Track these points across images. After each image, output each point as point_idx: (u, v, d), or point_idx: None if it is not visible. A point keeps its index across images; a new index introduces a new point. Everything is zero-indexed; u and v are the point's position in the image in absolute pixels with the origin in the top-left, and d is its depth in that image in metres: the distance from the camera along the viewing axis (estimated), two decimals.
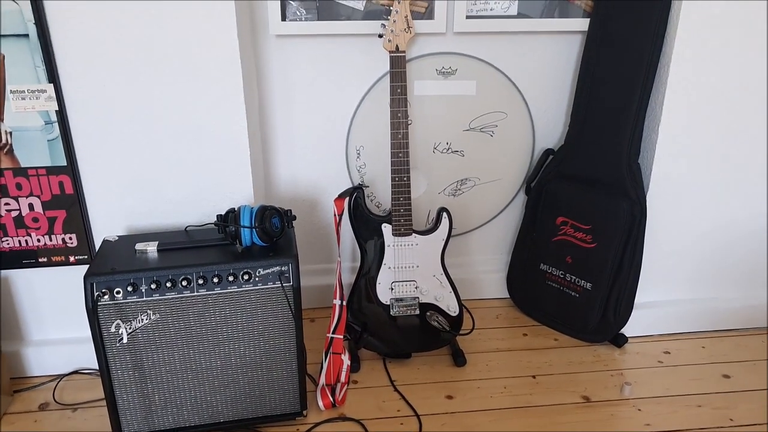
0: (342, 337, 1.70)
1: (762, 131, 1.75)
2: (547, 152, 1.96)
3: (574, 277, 1.87)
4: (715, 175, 1.79)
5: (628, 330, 1.90)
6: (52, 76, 1.47)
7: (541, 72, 1.91)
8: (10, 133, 1.51)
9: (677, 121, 1.71)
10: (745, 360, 1.84)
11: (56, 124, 1.51)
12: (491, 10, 1.77)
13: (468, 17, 1.77)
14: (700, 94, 1.68)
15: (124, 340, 1.39)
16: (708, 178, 1.80)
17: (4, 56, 1.44)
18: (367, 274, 1.74)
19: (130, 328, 1.39)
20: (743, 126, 1.74)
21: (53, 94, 1.48)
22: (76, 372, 1.77)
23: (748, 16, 1.61)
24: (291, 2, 1.70)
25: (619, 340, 1.89)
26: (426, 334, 1.78)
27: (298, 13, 1.71)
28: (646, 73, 1.67)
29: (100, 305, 1.35)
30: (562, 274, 1.90)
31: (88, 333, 1.37)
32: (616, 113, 1.75)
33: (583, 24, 1.80)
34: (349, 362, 1.71)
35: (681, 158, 1.75)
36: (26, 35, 1.42)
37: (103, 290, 1.34)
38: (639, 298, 1.86)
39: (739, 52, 1.65)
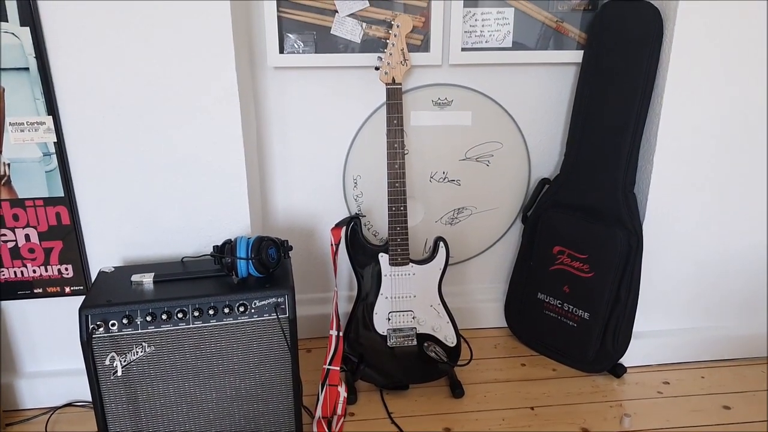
0: (338, 368, 1.68)
1: (757, 159, 1.77)
2: (543, 181, 1.97)
3: (571, 307, 1.87)
4: (711, 203, 1.80)
5: (626, 360, 1.89)
6: (51, 108, 1.48)
7: (536, 103, 1.93)
8: (8, 164, 1.51)
9: (672, 150, 1.72)
10: (745, 391, 1.82)
11: (54, 156, 1.52)
12: (486, 42, 1.80)
13: (463, 49, 1.79)
14: (694, 124, 1.70)
15: (119, 373, 1.38)
16: (704, 207, 1.80)
17: (3, 89, 1.45)
18: (364, 305, 1.73)
19: (124, 361, 1.38)
20: (738, 155, 1.75)
21: (52, 126, 1.49)
22: (69, 405, 1.75)
23: (740, 47, 1.64)
24: (289, 35, 1.72)
25: (618, 370, 1.88)
26: (424, 365, 1.77)
27: (296, 46, 1.73)
28: (639, 104, 1.69)
29: (94, 337, 1.34)
30: (559, 303, 1.90)
31: (83, 365, 1.36)
32: (611, 143, 1.76)
33: (577, 56, 1.83)
34: (345, 394, 1.69)
35: (676, 187, 1.77)
36: (26, 68, 1.44)
37: (98, 322, 1.33)
38: (637, 327, 1.85)
39: (732, 83, 1.67)
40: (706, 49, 1.63)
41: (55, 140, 1.51)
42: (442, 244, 1.72)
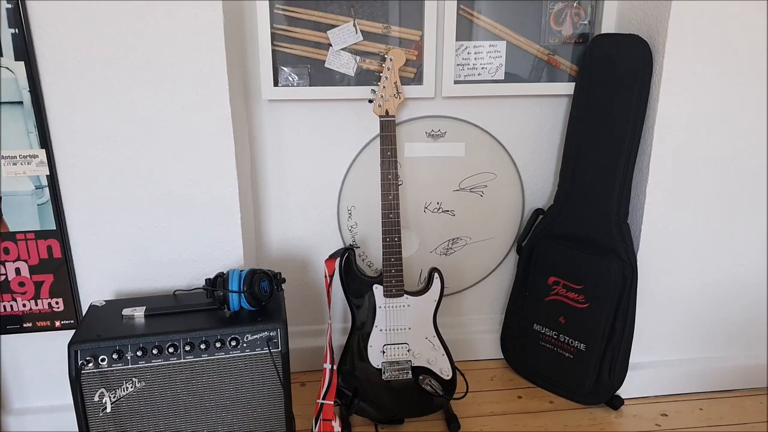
0: (332, 402, 1.65)
1: (750, 188, 1.78)
2: (537, 212, 1.97)
3: (567, 338, 1.85)
4: (705, 233, 1.80)
5: (624, 392, 1.87)
6: (45, 141, 1.48)
7: (529, 134, 1.94)
8: (0, 197, 1.51)
9: (664, 180, 1.73)
10: (744, 422, 1.80)
11: (47, 189, 1.52)
12: (479, 75, 1.82)
13: (456, 82, 1.81)
14: (685, 154, 1.72)
15: (108, 410, 1.35)
16: (698, 237, 1.81)
17: None
18: (358, 337, 1.72)
19: (114, 397, 1.35)
20: (730, 184, 1.76)
21: (45, 159, 1.49)
22: None
23: (730, 78, 1.66)
24: (283, 68, 1.74)
25: (616, 403, 1.85)
26: (419, 399, 1.74)
27: (290, 79, 1.75)
28: (631, 135, 1.71)
29: (83, 373, 1.32)
30: (555, 334, 1.88)
31: (72, 401, 1.33)
32: (604, 174, 1.77)
33: (568, 88, 1.85)
34: (339, 429, 1.66)
35: (670, 218, 1.77)
36: (20, 102, 1.44)
37: (88, 358, 1.31)
38: (634, 358, 1.84)
39: (722, 113, 1.69)
40: (696, 81, 1.65)
41: (48, 173, 1.50)
42: (436, 274, 1.71)
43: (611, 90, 1.73)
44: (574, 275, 1.82)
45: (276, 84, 1.75)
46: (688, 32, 1.60)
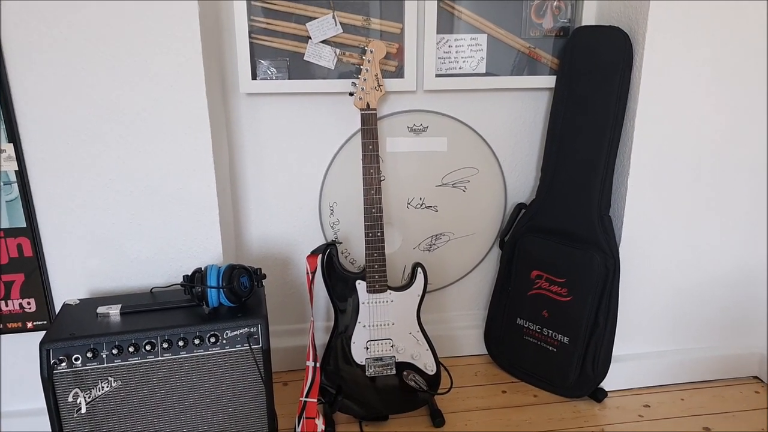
0: (316, 400, 1.63)
1: (731, 180, 1.79)
2: (519, 206, 1.97)
3: (550, 332, 1.85)
4: (687, 225, 1.82)
5: (607, 384, 1.87)
6: (13, 135, 1.43)
7: (510, 128, 1.94)
8: None
9: (645, 173, 1.74)
10: (724, 411, 1.82)
11: (15, 185, 1.47)
12: (460, 68, 1.81)
13: (437, 75, 1.80)
14: (667, 146, 1.72)
15: (83, 410, 1.31)
16: (680, 229, 1.82)
17: None
18: (341, 334, 1.69)
19: (89, 397, 1.31)
20: (712, 176, 1.78)
21: (13, 154, 1.44)
22: None
23: (710, 70, 1.67)
24: (261, 61, 1.71)
25: (599, 395, 1.85)
26: (403, 395, 1.72)
27: (269, 72, 1.72)
28: (612, 128, 1.71)
29: (56, 373, 1.27)
30: (539, 328, 1.88)
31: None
32: (585, 167, 1.77)
33: (550, 81, 1.85)
34: (323, 427, 1.63)
35: (651, 209, 1.78)
36: None
37: (61, 357, 1.26)
38: (617, 351, 1.84)
39: (703, 105, 1.70)
40: (676, 73, 1.66)
41: (17, 168, 1.45)
42: (420, 269, 1.70)
43: (592, 82, 1.73)
44: (556, 268, 1.82)
45: (254, 77, 1.71)
46: (668, 24, 1.61)
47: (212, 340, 1.34)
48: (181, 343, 1.33)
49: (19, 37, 1.39)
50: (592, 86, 1.74)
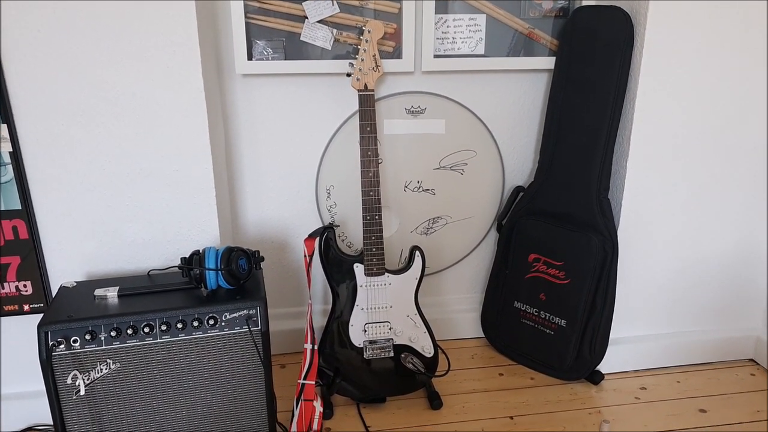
0: (314, 382, 1.63)
1: (731, 162, 1.79)
2: (517, 189, 1.96)
3: (548, 315, 1.85)
4: (685, 208, 1.82)
5: (604, 366, 1.88)
6: (6, 116, 1.41)
7: (509, 110, 1.93)
8: None
9: (645, 155, 1.73)
10: (719, 393, 1.83)
11: (10, 166, 1.45)
12: (458, 49, 1.79)
13: (436, 56, 1.78)
14: (666, 128, 1.72)
15: (82, 392, 1.31)
16: (678, 212, 1.82)
17: None
18: (339, 317, 1.69)
19: (88, 379, 1.31)
20: (712, 158, 1.77)
21: (7, 135, 1.42)
22: (30, 429, 1.66)
23: (712, 50, 1.66)
24: (257, 42, 1.69)
25: (596, 377, 1.86)
26: (401, 377, 1.73)
27: (265, 53, 1.70)
28: (611, 109, 1.70)
29: (55, 355, 1.27)
30: (536, 311, 1.88)
31: (44, 386, 1.28)
32: (584, 149, 1.77)
33: (549, 62, 1.84)
34: (321, 409, 1.64)
35: (650, 192, 1.77)
36: None
37: (59, 339, 1.26)
38: (614, 333, 1.85)
39: (704, 86, 1.69)
40: (677, 53, 1.65)
41: (11, 150, 1.44)
42: (418, 253, 1.69)
43: (592, 63, 1.72)
44: (554, 251, 1.82)
45: (250, 58, 1.69)
46: (670, 4, 1.59)
47: (211, 322, 1.34)
48: (179, 326, 1.32)
49: (12, 16, 1.36)
50: (591, 67, 1.72)
